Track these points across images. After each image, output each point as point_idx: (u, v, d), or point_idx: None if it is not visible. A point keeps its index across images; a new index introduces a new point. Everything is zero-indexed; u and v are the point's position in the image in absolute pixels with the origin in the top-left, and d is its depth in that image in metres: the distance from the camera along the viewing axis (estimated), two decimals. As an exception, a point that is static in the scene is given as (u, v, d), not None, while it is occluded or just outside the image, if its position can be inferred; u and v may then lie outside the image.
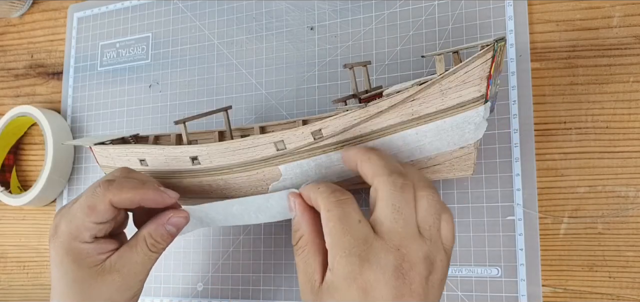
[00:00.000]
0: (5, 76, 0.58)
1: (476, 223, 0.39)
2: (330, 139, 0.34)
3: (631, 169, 0.37)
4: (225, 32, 0.49)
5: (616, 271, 0.37)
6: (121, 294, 0.35)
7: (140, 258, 0.35)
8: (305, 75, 0.45)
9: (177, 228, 0.36)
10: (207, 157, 0.37)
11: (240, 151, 0.37)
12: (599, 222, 0.37)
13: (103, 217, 0.34)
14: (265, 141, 0.36)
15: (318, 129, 0.34)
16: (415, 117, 0.33)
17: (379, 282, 0.29)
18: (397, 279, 0.29)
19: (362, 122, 0.33)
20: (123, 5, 0.53)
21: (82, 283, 0.34)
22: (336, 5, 0.45)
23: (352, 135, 0.34)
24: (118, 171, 0.37)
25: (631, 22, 0.38)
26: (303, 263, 0.32)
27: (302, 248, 0.32)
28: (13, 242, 0.55)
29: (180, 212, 0.36)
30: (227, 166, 0.37)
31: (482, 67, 0.30)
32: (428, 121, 0.33)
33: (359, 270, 0.29)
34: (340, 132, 0.34)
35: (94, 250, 0.35)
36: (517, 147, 0.39)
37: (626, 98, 0.38)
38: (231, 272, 0.45)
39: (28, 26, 0.58)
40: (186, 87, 0.49)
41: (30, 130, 0.56)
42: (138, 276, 0.35)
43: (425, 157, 0.35)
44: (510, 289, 0.38)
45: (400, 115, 0.33)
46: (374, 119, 0.33)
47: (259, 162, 0.36)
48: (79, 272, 0.34)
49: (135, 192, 0.35)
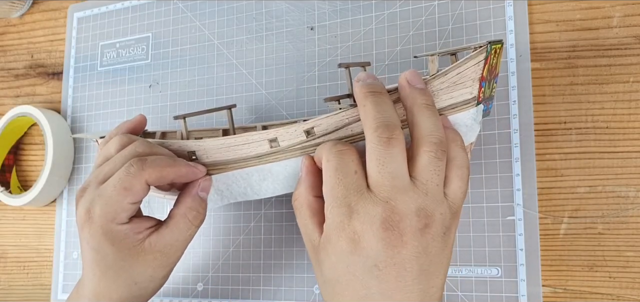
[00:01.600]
0: (5, 76, 0.58)
1: (476, 223, 0.39)
2: (322, 137, 0.34)
3: (631, 169, 0.37)
4: (225, 32, 0.49)
5: (616, 271, 0.37)
6: (162, 270, 0.36)
7: (183, 235, 0.36)
8: (305, 75, 0.45)
9: (206, 192, 0.37)
10: (204, 152, 0.37)
11: (234, 148, 0.37)
12: (599, 222, 0.37)
13: (139, 197, 0.34)
14: (259, 138, 0.36)
15: (311, 127, 0.34)
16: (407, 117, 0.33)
17: (367, 233, 0.29)
18: (386, 231, 0.29)
19: (353, 122, 0.33)
20: (123, 5, 0.53)
21: (123, 265, 0.34)
22: (336, 5, 0.45)
23: (343, 134, 0.34)
24: (138, 143, 0.36)
25: (631, 22, 0.38)
26: (302, 225, 0.33)
27: (298, 209, 0.33)
28: (13, 242, 0.55)
29: (203, 178, 0.36)
30: (222, 162, 0.37)
31: (475, 69, 0.30)
32: None
33: (348, 220, 0.29)
34: (333, 131, 0.34)
35: (131, 231, 0.34)
36: (517, 147, 0.39)
37: (626, 98, 0.38)
38: (231, 272, 0.45)
39: (28, 26, 0.58)
40: (186, 87, 0.49)
41: (30, 130, 0.56)
42: (179, 251, 0.36)
43: None
44: (510, 289, 0.38)
45: None
46: None
47: (252, 159, 0.37)
48: (118, 254, 0.34)
49: (170, 170, 0.34)
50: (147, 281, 0.36)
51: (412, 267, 0.29)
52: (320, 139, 0.34)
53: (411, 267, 0.29)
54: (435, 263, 0.30)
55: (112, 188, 0.34)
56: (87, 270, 0.35)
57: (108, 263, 0.34)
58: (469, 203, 0.39)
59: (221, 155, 0.37)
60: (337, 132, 0.34)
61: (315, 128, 0.34)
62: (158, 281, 0.37)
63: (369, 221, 0.29)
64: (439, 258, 0.30)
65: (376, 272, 0.29)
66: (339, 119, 0.33)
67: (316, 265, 0.32)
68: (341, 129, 0.34)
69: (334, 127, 0.34)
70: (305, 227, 0.33)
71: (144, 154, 0.35)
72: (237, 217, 0.46)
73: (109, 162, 0.36)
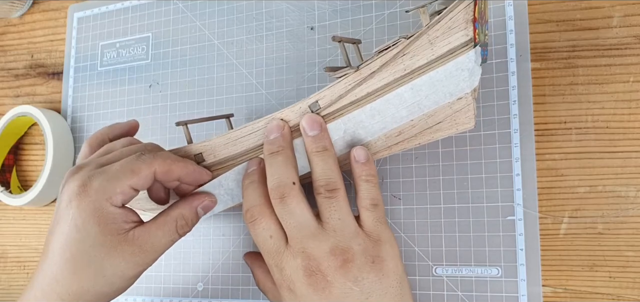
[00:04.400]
0: (5, 76, 0.58)
1: (476, 223, 0.39)
2: (328, 109, 0.34)
3: (631, 169, 0.37)
4: (225, 32, 0.49)
5: (616, 271, 0.37)
6: (134, 268, 0.33)
7: (166, 238, 0.34)
8: (305, 75, 0.45)
9: (206, 211, 0.36)
10: (211, 151, 0.37)
11: (241, 140, 0.37)
12: (599, 222, 0.37)
13: (143, 184, 0.33)
14: (264, 124, 0.36)
15: (315, 101, 0.35)
16: (408, 72, 0.33)
17: (297, 283, 0.32)
18: (310, 277, 0.31)
19: (356, 86, 0.33)
20: (123, 5, 0.53)
21: (99, 252, 0.32)
22: (336, 5, 0.45)
23: (348, 101, 0.34)
24: (147, 143, 0.37)
25: (631, 22, 0.38)
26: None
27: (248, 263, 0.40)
28: (13, 242, 0.56)
29: (210, 197, 0.36)
30: (230, 157, 0.37)
31: (466, 11, 0.30)
32: (421, 74, 0.32)
33: (281, 276, 0.33)
34: (337, 100, 0.34)
35: (121, 217, 0.32)
36: (517, 147, 0.39)
37: (626, 98, 0.38)
38: (231, 272, 0.45)
39: (28, 26, 0.58)
40: (186, 87, 0.49)
41: (30, 130, 0.56)
42: (157, 253, 0.34)
43: (425, 114, 0.34)
44: (511, 289, 0.38)
45: (393, 73, 0.33)
46: (368, 81, 0.33)
47: (260, 147, 0.36)
48: (100, 238, 0.31)
49: (179, 166, 0.34)
50: (116, 275, 0.33)
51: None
52: (326, 112, 0.35)
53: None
54: (375, 293, 0.31)
55: (119, 167, 0.33)
56: (53, 253, 0.32)
57: (84, 247, 0.31)
58: (469, 203, 0.39)
59: (228, 150, 0.37)
60: (341, 100, 0.34)
61: (320, 101, 0.34)
62: (126, 281, 0.34)
63: (295, 273, 0.32)
64: (378, 287, 0.31)
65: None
66: (342, 87, 0.34)
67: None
68: (345, 96, 0.34)
69: (338, 96, 0.34)
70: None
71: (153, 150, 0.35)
72: (237, 217, 0.46)
73: (115, 152, 0.35)
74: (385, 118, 0.34)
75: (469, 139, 0.40)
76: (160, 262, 0.48)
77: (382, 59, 0.32)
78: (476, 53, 0.31)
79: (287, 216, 0.32)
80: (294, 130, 0.35)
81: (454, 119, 0.35)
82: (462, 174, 0.40)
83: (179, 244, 0.47)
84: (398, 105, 0.34)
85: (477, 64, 0.32)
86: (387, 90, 0.33)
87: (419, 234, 0.40)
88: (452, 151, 0.40)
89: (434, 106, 0.34)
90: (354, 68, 0.33)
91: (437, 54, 0.32)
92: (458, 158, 0.40)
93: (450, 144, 0.40)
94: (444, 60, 0.32)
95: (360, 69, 0.33)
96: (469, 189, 0.39)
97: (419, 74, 0.32)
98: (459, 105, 0.34)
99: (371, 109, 0.34)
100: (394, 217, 0.41)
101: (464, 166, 0.40)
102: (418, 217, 0.41)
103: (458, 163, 0.40)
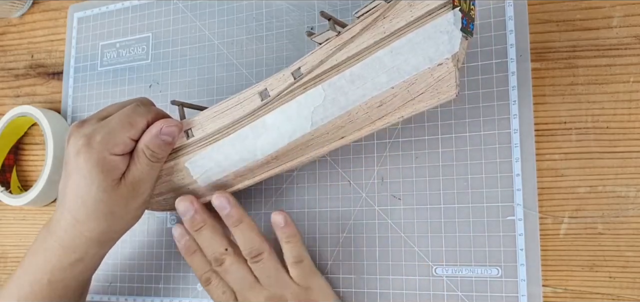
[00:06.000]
0: (5, 76, 0.58)
1: (476, 223, 0.39)
2: (309, 74, 0.35)
3: (631, 169, 0.37)
4: (225, 32, 0.49)
5: (616, 271, 0.37)
6: (134, 201, 0.38)
7: (145, 170, 0.38)
8: (305, 76, 0.45)
9: (171, 137, 0.38)
10: (200, 126, 0.38)
11: (227, 112, 0.38)
12: (599, 223, 0.37)
13: (138, 134, 0.37)
14: (250, 93, 0.37)
15: (297, 68, 0.36)
16: (387, 34, 0.33)
17: None
18: None
19: (337, 50, 0.34)
20: (123, 5, 0.53)
21: (104, 196, 0.36)
22: (336, 5, 0.45)
23: (329, 66, 0.35)
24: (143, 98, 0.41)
25: (631, 22, 0.38)
26: None
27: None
28: (13, 242, 0.56)
29: (171, 121, 0.38)
30: (219, 129, 0.38)
31: None
32: (400, 36, 0.33)
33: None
34: (318, 65, 0.35)
35: (121, 163, 0.37)
36: (517, 147, 0.39)
37: (626, 98, 0.38)
38: (231, 272, 0.45)
39: (28, 26, 0.58)
40: (186, 87, 0.49)
41: (30, 130, 0.56)
42: (145, 184, 0.38)
43: (406, 82, 0.33)
44: (511, 289, 0.38)
45: (373, 36, 0.33)
46: (349, 45, 0.34)
47: (247, 116, 0.37)
48: (104, 183, 0.36)
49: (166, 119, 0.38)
50: (122, 210, 0.38)
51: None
52: (307, 77, 0.35)
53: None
54: None
55: (117, 120, 0.37)
56: (69, 200, 0.37)
57: (92, 193, 0.36)
58: (469, 203, 0.39)
59: (216, 123, 0.38)
60: (322, 65, 0.35)
61: (302, 68, 0.35)
62: (132, 212, 0.39)
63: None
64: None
65: None
66: (323, 52, 0.34)
67: None
68: (326, 61, 0.35)
69: (319, 61, 0.35)
70: None
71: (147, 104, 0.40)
72: (237, 217, 0.46)
73: (113, 106, 0.39)
74: (365, 83, 0.34)
75: (469, 139, 0.40)
76: (160, 262, 0.48)
77: (362, 23, 0.33)
78: (455, 16, 0.31)
79: (228, 276, 0.40)
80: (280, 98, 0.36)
81: (435, 88, 0.34)
82: (462, 174, 0.40)
83: (179, 244, 0.47)
84: (378, 69, 0.33)
85: (456, 27, 0.32)
86: (367, 54, 0.33)
87: (419, 234, 0.40)
88: (452, 151, 0.40)
89: (414, 72, 0.33)
90: (335, 32, 0.33)
91: (416, 16, 0.32)
92: (458, 158, 0.40)
93: (450, 144, 0.40)
94: (423, 21, 0.32)
95: (341, 34, 0.33)
96: (469, 189, 0.39)
97: (398, 36, 0.33)
98: (439, 72, 0.33)
99: (351, 73, 0.34)
100: (394, 217, 0.41)
101: (464, 166, 0.40)
102: (418, 217, 0.40)
103: (458, 163, 0.40)
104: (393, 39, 0.33)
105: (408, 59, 0.33)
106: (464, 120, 0.40)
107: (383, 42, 0.33)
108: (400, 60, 0.33)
